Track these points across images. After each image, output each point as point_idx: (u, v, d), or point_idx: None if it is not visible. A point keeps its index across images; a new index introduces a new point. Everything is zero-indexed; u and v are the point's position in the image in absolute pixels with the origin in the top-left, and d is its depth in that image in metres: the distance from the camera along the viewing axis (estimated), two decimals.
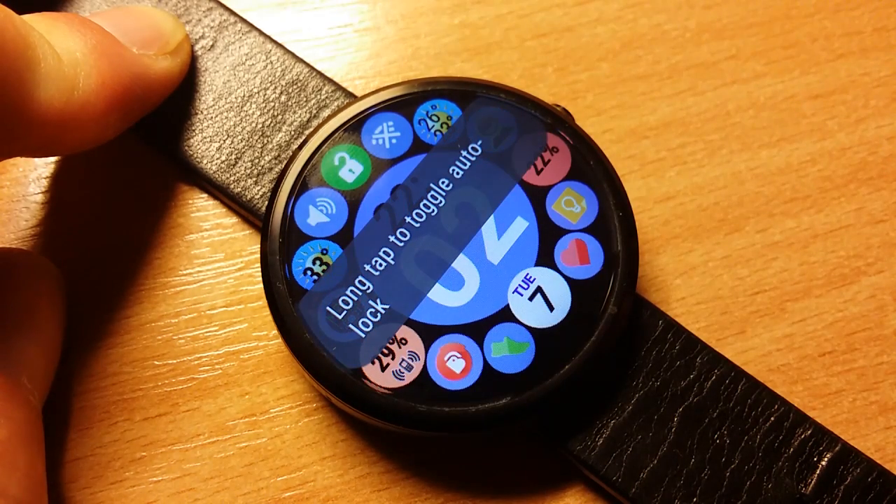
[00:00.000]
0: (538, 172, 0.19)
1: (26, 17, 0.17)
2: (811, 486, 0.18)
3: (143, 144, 0.21)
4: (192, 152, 0.20)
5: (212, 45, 0.21)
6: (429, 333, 0.18)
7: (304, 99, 0.21)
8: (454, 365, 0.18)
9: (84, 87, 0.17)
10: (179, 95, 0.21)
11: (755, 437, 0.18)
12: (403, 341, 0.18)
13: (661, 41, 0.24)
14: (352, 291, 0.18)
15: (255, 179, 0.20)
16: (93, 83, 0.17)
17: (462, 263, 0.18)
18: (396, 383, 0.17)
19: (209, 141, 0.21)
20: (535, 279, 0.18)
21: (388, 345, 0.18)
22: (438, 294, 0.18)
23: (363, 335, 0.18)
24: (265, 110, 0.21)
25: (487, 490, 0.19)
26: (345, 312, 0.18)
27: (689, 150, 0.22)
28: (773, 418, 0.18)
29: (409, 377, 0.17)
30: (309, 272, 0.18)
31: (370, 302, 0.18)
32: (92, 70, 0.17)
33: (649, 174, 0.22)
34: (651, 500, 0.18)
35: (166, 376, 0.20)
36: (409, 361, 0.18)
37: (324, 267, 0.18)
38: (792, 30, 0.24)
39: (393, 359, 0.18)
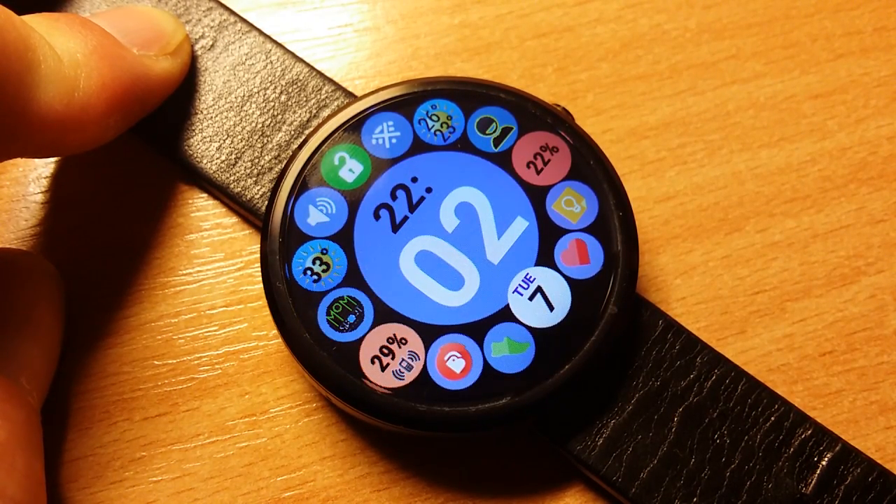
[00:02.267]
0: (538, 172, 0.19)
1: (27, 17, 0.17)
2: (811, 486, 0.18)
3: (143, 144, 0.21)
4: (191, 152, 0.20)
5: (212, 45, 0.21)
6: (429, 333, 0.18)
7: (304, 99, 0.21)
8: (454, 365, 0.18)
9: (85, 88, 0.17)
10: (179, 95, 0.21)
11: (755, 437, 0.18)
12: (403, 341, 0.18)
13: (661, 41, 0.24)
14: (352, 291, 0.18)
15: (254, 179, 0.20)
16: (93, 84, 0.17)
17: (462, 263, 0.18)
18: (396, 383, 0.17)
19: (209, 141, 0.20)
20: (535, 279, 0.18)
21: (387, 345, 0.18)
22: (438, 294, 0.18)
23: (363, 335, 0.18)
24: (265, 110, 0.21)
25: (487, 490, 0.19)
26: (345, 312, 0.18)
27: (689, 150, 0.22)
28: (773, 418, 0.18)
29: (409, 377, 0.17)
30: (309, 272, 0.18)
31: (370, 302, 0.18)
32: (93, 71, 0.17)
33: (649, 174, 0.22)
34: (651, 500, 0.18)
35: (166, 376, 0.20)
36: (409, 361, 0.18)
37: (324, 267, 0.18)
38: (792, 30, 0.24)
39: (393, 359, 0.18)
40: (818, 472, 0.18)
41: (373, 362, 0.17)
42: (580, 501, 0.19)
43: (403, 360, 0.18)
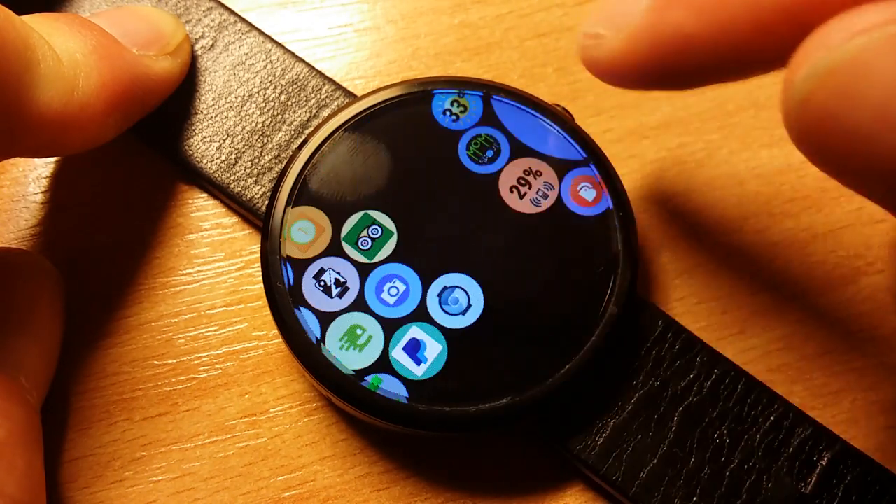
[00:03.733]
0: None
1: (26, 17, 0.17)
2: (811, 485, 0.18)
3: (142, 144, 0.21)
4: (191, 152, 0.20)
5: (212, 45, 0.21)
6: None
7: (304, 98, 0.21)
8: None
9: (84, 88, 0.17)
10: (179, 95, 0.21)
11: (755, 436, 0.18)
12: None
13: None
14: None
15: (255, 179, 0.20)
16: (93, 84, 0.17)
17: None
18: None
19: (209, 140, 0.21)
20: None
21: None
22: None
23: None
24: (265, 110, 0.21)
25: (487, 490, 0.19)
26: None
27: (689, 150, 0.22)
28: (772, 418, 0.18)
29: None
30: None
31: None
32: (92, 71, 0.17)
33: (649, 174, 0.22)
34: (651, 500, 0.18)
35: (166, 376, 0.20)
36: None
37: None
38: None
39: None
40: (817, 471, 0.18)
41: None
42: (580, 501, 0.19)
43: None
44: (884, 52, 0.10)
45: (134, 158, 0.22)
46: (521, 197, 0.19)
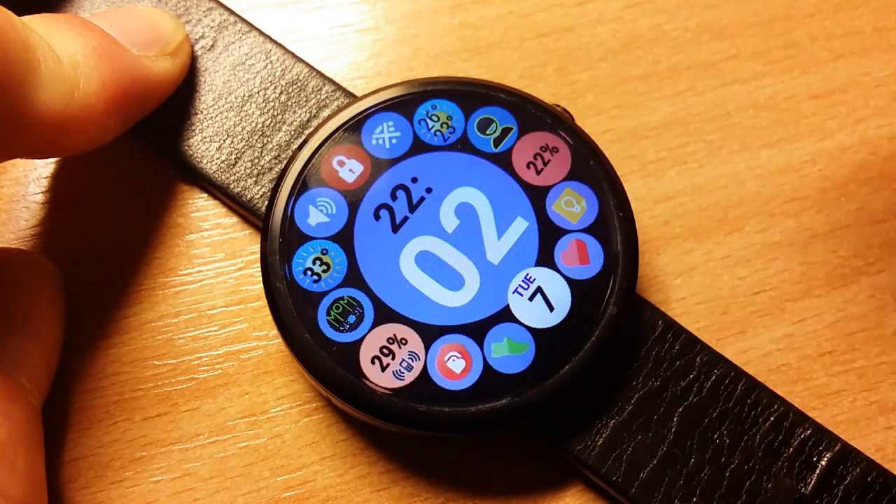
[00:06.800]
0: (538, 172, 0.19)
1: (26, 18, 0.17)
2: (811, 485, 0.18)
3: (143, 144, 0.21)
4: (191, 152, 0.20)
5: (212, 45, 0.21)
6: (429, 333, 0.18)
7: (304, 99, 0.21)
8: (454, 365, 0.18)
9: (84, 89, 0.17)
10: (179, 95, 0.21)
11: (755, 437, 0.18)
12: (403, 341, 0.18)
13: (661, 41, 0.24)
14: (352, 291, 0.18)
15: (254, 179, 0.20)
16: (93, 85, 0.17)
17: (462, 263, 0.18)
18: (396, 383, 0.17)
19: (209, 141, 0.21)
20: (535, 279, 0.18)
21: (388, 345, 0.18)
22: (438, 294, 0.18)
23: (363, 335, 0.18)
24: (265, 110, 0.21)
25: (487, 490, 0.19)
26: (345, 312, 0.18)
27: (689, 150, 0.22)
28: (772, 418, 0.18)
29: (410, 377, 0.17)
30: (309, 272, 0.18)
31: (370, 302, 0.18)
32: (92, 72, 0.17)
33: (649, 174, 0.22)
34: (651, 500, 0.18)
35: (166, 376, 0.20)
36: (410, 361, 0.18)
37: (324, 267, 0.18)
38: (792, 30, 0.24)
39: (393, 359, 0.18)
40: (817, 471, 0.18)
41: (373, 362, 0.17)
42: (580, 501, 0.19)
43: (404, 360, 0.18)
44: None
45: (134, 158, 0.22)
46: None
